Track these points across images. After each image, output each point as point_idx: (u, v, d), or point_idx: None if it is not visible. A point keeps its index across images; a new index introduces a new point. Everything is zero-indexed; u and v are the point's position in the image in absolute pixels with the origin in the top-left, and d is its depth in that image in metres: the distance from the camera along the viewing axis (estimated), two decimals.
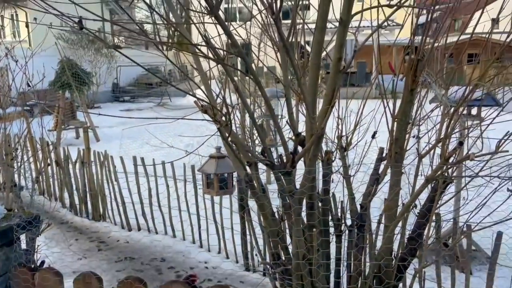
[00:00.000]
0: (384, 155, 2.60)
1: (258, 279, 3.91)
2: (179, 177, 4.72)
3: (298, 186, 2.35)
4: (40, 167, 6.31)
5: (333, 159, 2.79)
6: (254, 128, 3.18)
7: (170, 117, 2.43)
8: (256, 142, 4.58)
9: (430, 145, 2.38)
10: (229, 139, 2.20)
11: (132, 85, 21.55)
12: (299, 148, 2.22)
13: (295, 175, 2.27)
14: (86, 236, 5.10)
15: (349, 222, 2.80)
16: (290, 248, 2.57)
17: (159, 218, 4.95)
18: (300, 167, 2.32)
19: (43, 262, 3.08)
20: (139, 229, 5.15)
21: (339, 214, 2.87)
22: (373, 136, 2.80)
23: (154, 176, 4.88)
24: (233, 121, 2.38)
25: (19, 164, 5.03)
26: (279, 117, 3.72)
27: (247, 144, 2.66)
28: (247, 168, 2.45)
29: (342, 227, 2.85)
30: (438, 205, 2.36)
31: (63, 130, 10.06)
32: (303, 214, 2.46)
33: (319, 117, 2.08)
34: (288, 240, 2.67)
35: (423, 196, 2.38)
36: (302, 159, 2.27)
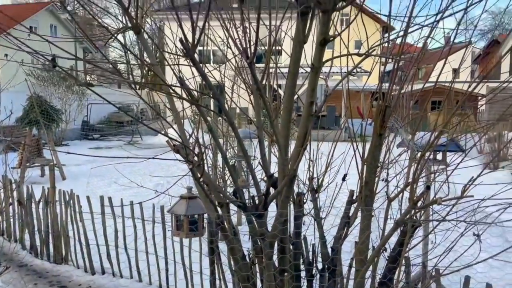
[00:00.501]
0: (354, 197, 2.63)
1: None
2: (148, 218, 4.60)
3: (270, 229, 2.33)
4: (0, 207, 6.02)
5: (305, 201, 2.80)
6: (226, 169, 3.18)
7: (141, 156, 2.40)
8: (228, 182, 4.56)
9: (399, 189, 2.43)
10: (201, 179, 2.18)
11: (103, 123, 21.28)
12: (271, 190, 2.22)
13: (266, 217, 2.25)
14: (46, 280, 4.82)
15: (320, 265, 2.78)
16: None
17: (125, 261, 4.76)
18: (272, 209, 2.31)
19: None
20: (103, 272, 4.92)
21: (311, 258, 2.85)
22: (344, 179, 2.84)
23: (121, 217, 4.73)
24: (205, 162, 2.37)
25: None
26: (252, 158, 3.74)
27: (219, 185, 2.64)
28: (219, 209, 2.42)
29: (314, 271, 2.82)
30: (407, 249, 2.39)
31: (28, 168, 9.72)
32: (275, 257, 2.43)
33: (291, 159, 2.10)
34: (259, 284, 2.61)
35: (393, 240, 2.40)
36: (274, 200, 2.27)
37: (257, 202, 2.15)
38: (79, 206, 5.01)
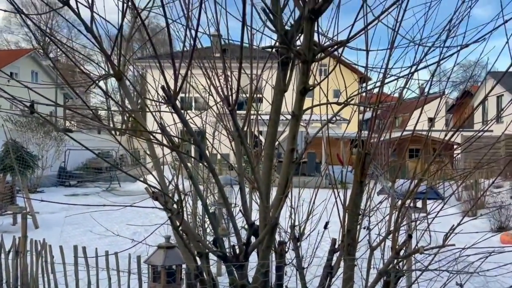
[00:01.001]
0: (336, 246, 2.59)
1: None
2: (124, 269, 4.41)
3: (250, 279, 2.25)
4: None
5: (286, 250, 2.74)
6: (206, 217, 3.11)
7: (118, 203, 2.34)
8: (208, 231, 4.45)
9: (381, 237, 2.41)
10: (180, 228, 2.12)
11: (80, 169, 20.89)
12: (252, 239, 2.17)
13: (247, 268, 2.18)
14: None
15: None
16: None
17: None
18: (253, 258, 2.25)
19: None
20: None
21: None
22: (325, 227, 2.81)
23: (95, 268, 4.52)
24: (185, 209, 2.32)
25: None
26: (232, 205, 3.68)
27: (198, 234, 2.57)
28: (198, 259, 2.34)
29: None
30: None
31: (0, 216, 9.36)
32: None
33: (273, 207, 2.07)
34: None
35: None
36: (255, 250, 2.21)
37: (237, 251, 2.09)
38: (51, 256, 4.78)
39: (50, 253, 4.79)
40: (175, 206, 2.09)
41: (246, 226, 2.32)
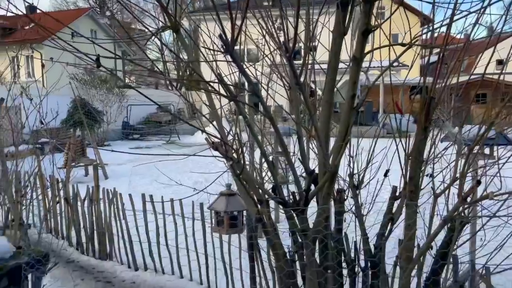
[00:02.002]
0: (397, 193, 2.56)
1: None
2: (188, 215, 4.66)
3: (310, 226, 2.30)
4: (48, 205, 6.28)
5: (345, 198, 2.74)
6: (265, 166, 3.15)
7: (181, 153, 2.43)
8: (266, 179, 4.55)
9: (445, 184, 2.34)
10: (241, 175, 2.17)
11: (142, 123, 21.83)
12: (312, 187, 2.19)
13: (307, 213, 2.22)
14: (92, 275, 5.00)
15: (362, 263, 2.72)
16: None
17: (167, 257, 4.85)
18: (311, 206, 2.28)
19: None
20: (146, 268, 5.04)
21: (353, 255, 2.79)
22: (386, 175, 2.76)
23: (162, 213, 4.83)
24: (243, 159, 2.37)
25: (28, 201, 5.03)
26: (290, 154, 3.69)
27: (258, 181, 2.63)
28: (258, 205, 2.41)
29: (356, 269, 2.76)
30: (455, 247, 2.29)
31: (73, 168, 10.11)
32: (316, 255, 2.40)
33: (333, 154, 2.06)
34: (300, 281, 2.59)
35: (439, 238, 2.32)
36: (314, 198, 2.23)
37: (297, 198, 2.13)
38: (121, 203, 5.15)
39: (120, 201, 5.15)
40: (235, 155, 2.15)
41: (304, 175, 2.34)
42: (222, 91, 1.88)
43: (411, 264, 2.18)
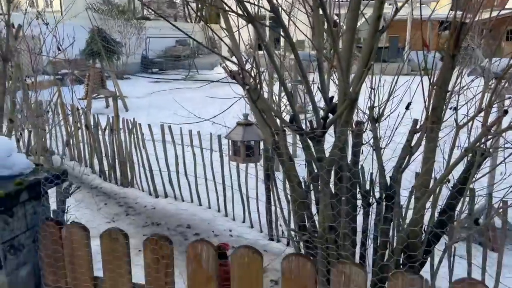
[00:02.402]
0: (418, 127, 2.49)
1: (281, 249, 3.91)
2: (206, 147, 4.72)
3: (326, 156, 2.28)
4: (70, 131, 6.41)
5: (364, 130, 2.70)
6: (283, 95, 3.09)
7: (200, 80, 2.38)
8: (284, 109, 4.50)
9: (469, 117, 2.26)
10: (258, 103, 2.13)
11: (160, 57, 21.60)
12: (330, 115, 2.14)
13: (324, 142, 2.20)
14: (114, 201, 5.21)
15: (378, 195, 2.73)
16: (316, 218, 2.53)
17: (186, 186, 4.99)
18: (329, 138, 2.25)
19: (73, 223, 3.16)
20: (166, 196, 5.22)
21: (368, 187, 2.80)
22: (407, 107, 2.68)
23: (181, 144, 4.90)
24: (261, 87, 2.31)
25: (50, 127, 5.15)
26: (310, 82, 3.60)
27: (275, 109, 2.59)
28: (275, 135, 2.39)
29: (371, 200, 2.78)
30: (474, 179, 2.26)
31: (93, 99, 10.22)
32: (331, 186, 2.40)
33: (353, 82, 1.99)
34: (314, 210, 2.63)
35: (458, 170, 2.29)
36: (331, 130, 2.19)
37: (315, 126, 2.09)
38: (141, 133, 5.23)
39: (140, 131, 5.23)
40: (252, 81, 2.09)
41: (323, 106, 2.28)
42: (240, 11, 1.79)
43: (425, 196, 2.17)
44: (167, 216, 4.71)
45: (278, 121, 2.39)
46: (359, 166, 2.71)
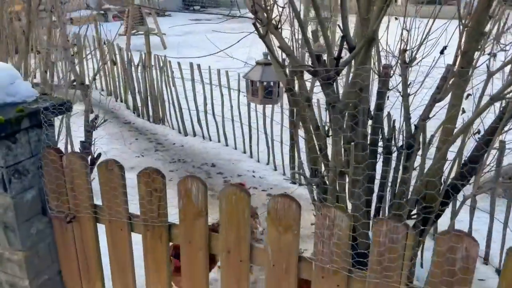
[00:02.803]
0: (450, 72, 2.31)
1: (302, 194, 3.91)
2: (234, 87, 4.67)
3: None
4: (99, 65, 6.48)
5: (391, 74, 2.54)
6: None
7: (237, 28, 2.28)
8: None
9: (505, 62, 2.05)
10: (277, 44, 2.03)
11: None
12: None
13: (337, 84, 2.08)
14: (145, 136, 5.35)
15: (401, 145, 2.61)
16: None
17: (213, 126, 5.03)
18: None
19: (99, 155, 3.26)
20: (194, 135, 5.29)
21: (391, 134, 2.68)
22: (442, 52, 2.48)
23: (209, 84, 4.86)
24: (281, 27, 2.19)
25: (86, 62, 5.22)
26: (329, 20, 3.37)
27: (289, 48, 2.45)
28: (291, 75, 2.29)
29: (392, 148, 2.67)
30: (503, 130, 2.10)
31: (132, 36, 10.25)
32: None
33: (371, 19, 1.83)
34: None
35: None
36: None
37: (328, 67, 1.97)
38: (171, 71, 5.22)
39: (170, 68, 5.22)
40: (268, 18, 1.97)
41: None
42: None
43: (445, 145, 2.04)
44: (194, 154, 4.80)
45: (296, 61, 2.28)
46: (385, 112, 2.58)
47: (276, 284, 1.44)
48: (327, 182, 2.45)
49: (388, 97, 2.60)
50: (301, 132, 3.70)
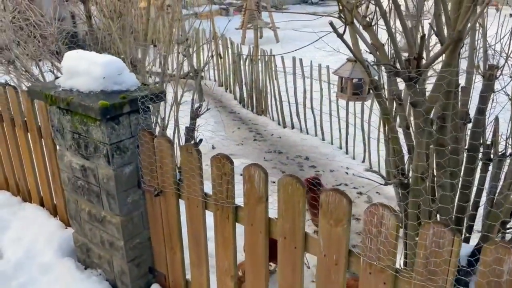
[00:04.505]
0: None
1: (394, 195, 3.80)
2: (333, 82, 4.68)
3: None
4: (207, 58, 6.92)
5: (498, 76, 2.36)
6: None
7: None
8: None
9: None
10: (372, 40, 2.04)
11: None
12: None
13: (422, 84, 2.01)
14: (246, 126, 5.65)
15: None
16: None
17: (311, 120, 5.10)
18: None
19: (201, 140, 3.59)
20: (292, 127, 5.43)
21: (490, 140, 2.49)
22: None
23: (310, 78, 4.94)
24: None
25: (201, 54, 5.66)
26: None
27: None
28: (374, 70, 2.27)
29: (491, 155, 2.48)
30: None
31: (248, 29, 10.71)
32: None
33: (459, 19, 1.74)
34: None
35: None
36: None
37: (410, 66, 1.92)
38: (274, 65, 5.41)
39: (274, 62, 5.41)
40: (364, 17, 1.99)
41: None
42: None
43: None
44: (290, 146, 4.94)
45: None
46: (491, 117, 2.41)
47: (326, 273, 1.51)
48: (409, 183, 2.39)
49: (493, 100, 2.42)
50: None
